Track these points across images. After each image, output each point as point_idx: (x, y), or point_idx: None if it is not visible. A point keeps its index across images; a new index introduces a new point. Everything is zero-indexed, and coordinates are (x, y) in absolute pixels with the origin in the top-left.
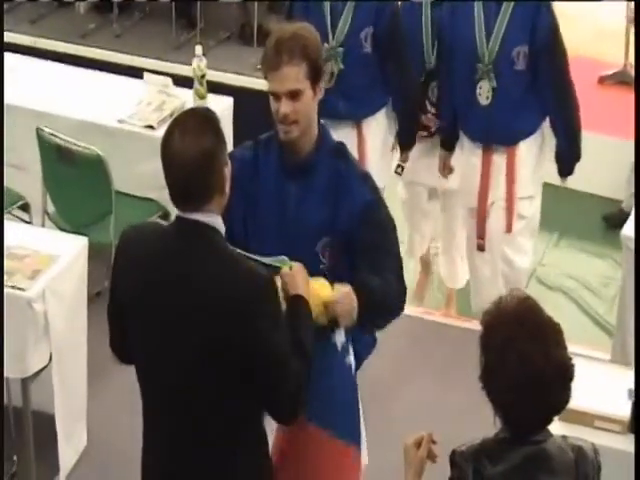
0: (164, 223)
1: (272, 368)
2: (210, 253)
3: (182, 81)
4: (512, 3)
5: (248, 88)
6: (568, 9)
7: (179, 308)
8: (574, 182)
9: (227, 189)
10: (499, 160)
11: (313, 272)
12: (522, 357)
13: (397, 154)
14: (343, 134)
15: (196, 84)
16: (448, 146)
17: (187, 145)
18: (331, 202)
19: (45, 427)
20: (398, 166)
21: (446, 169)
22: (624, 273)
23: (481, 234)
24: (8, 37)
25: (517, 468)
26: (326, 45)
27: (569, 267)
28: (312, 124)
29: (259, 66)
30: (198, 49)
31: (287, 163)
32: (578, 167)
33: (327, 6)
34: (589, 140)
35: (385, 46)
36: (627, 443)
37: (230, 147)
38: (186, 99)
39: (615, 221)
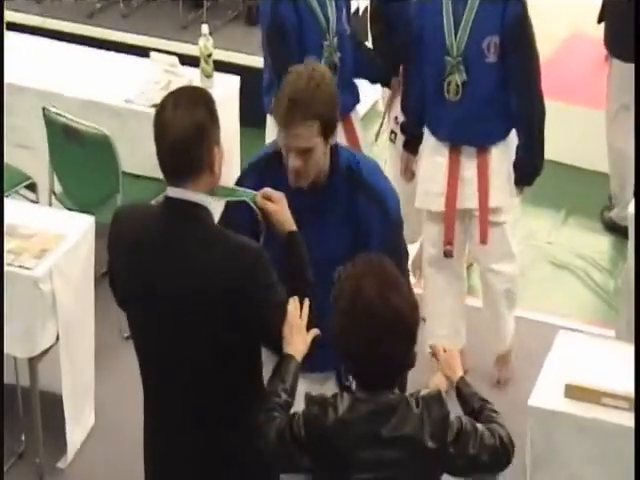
0: (154, 204)
1: (277, 327)
2: (200, 233)
3: (189, 60)
4: None
5: (254, 67)
6: None
7: (174, 290)
8: (581, 160)
9: (217, 170)
10: (468, 164)
11: (328, 296)
12: (358, 288)
13: (386, 124)
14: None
15: (202, 63)
16: (412, 148)
17: (178, 117)
18: (350, 233)
19: (53, 406)
20: (391, 132)
21: (408, 172)
22: (630, 250)
23: (450, 239)
24: (15, 17)
25: (360, 420)
26: (326, 43)
27: (577, 245)
28: (323, 167)
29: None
30: (204, 28)
31: (299, 198)
32: (585, 145)
33: (317, 7)
34: (596, 118)
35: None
36: (634, 419)
37: (237, 125)
38: (193, 78)
39: None
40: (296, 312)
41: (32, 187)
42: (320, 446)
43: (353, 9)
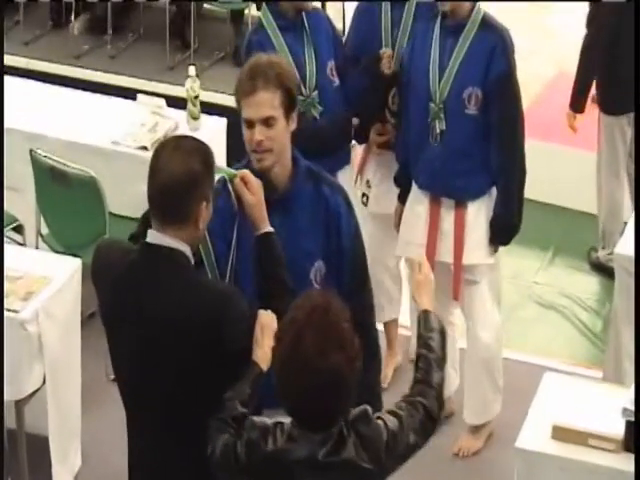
0: (134, 247)
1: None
2: (177, 279)
3: (176, 102)
4: (468, 41)
5: None
6: (557, 25)
7: (152, 334)
8: (568, 200)
9: (202, 226)
10: (447, 217)
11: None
12: (299, 339)
13: (360, 183)
14: None
15: (189, 105)
16: (404, 198)
17: (174, 161)
18: (320, 229)
19: (39, 449)
20: (363, 195)
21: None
22: (616, 291)
23: None
24: None
25: (298, 447)
26: (300, 97)
27: (563, 285)
28: (286, 154)
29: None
30: (191, 70)
31: (267, 197)
32: (571, 185)
33: (291, 60)
34: (583, 158)
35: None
36: (621, 461)
37: None
38: (179, 120)
39: None
40: (267, 314)
41: (19, 229)
42: (260, 470)
43: None
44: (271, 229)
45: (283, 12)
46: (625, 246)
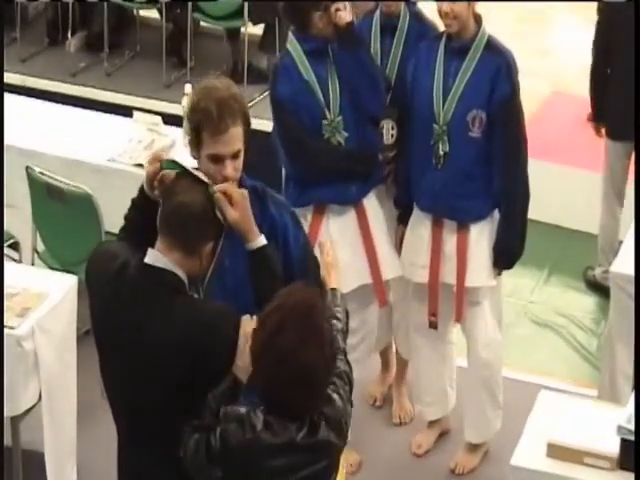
0: (131, 260)
1: None
2: (172, 301)
3: (172, 120)
4: (473, 63)
5: None
6: (559, 46)
7: (146, 352)
8: (563, 219)
9: (204, 264)
10: (449, 239)
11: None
12: (279, 329)
13: None
14: (348, 221)
15: (186, 123)
16: (405, 220)
17: (196, 190)
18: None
19: (35, 466)
20: None
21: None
22: (612, 310)
23: (434, 310)
24: None
25: (274, 434)
26: (325, 122)
27: (559, 304)
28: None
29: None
30: (188, 87)
31: None
32: (567, 204)
33: (316, 84)
34: (580, 178)
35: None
36: (616, 479)
37: None
38: (176, 138)
39: None
40: (250, 322)
41: (15, 246)
42: (233, 458)
43: None
44: (263, 242)
45: (311, 37)
46: (621, 264)
